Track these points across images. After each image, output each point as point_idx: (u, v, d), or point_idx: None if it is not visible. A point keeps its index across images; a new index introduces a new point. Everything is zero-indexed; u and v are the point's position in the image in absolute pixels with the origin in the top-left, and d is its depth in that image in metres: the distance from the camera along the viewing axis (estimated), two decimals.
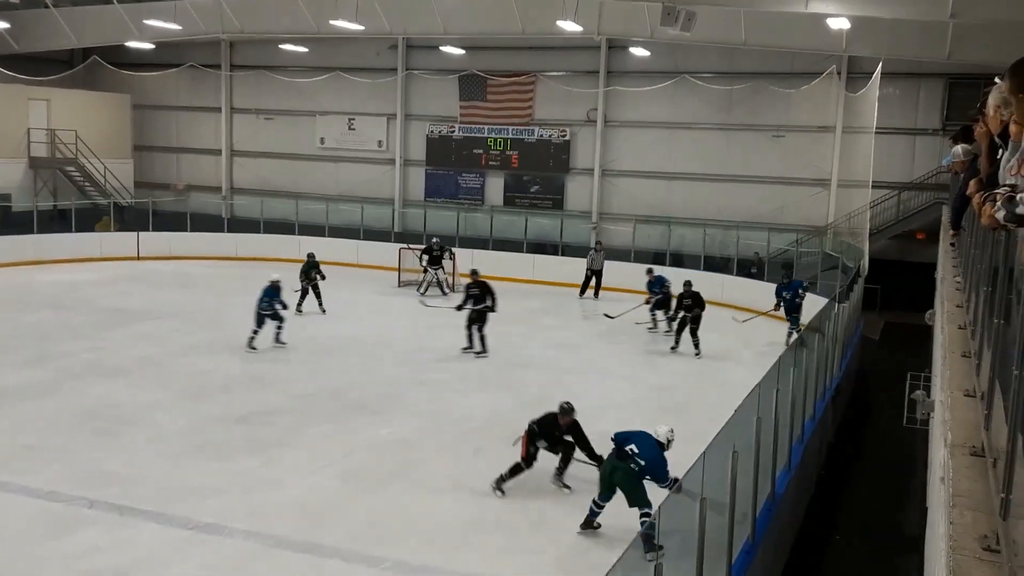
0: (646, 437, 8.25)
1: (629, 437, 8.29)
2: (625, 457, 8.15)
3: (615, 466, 8.22)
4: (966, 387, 4.36)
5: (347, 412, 12.17)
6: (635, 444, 8.16)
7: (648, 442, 8.18)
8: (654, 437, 8.21)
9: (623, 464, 8.16)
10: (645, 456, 8.06)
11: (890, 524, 10.42)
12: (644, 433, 8.32)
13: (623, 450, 8.17)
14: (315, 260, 18.98)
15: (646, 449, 8.12)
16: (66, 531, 8.20)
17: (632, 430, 8.43)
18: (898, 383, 13.32)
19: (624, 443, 8.22)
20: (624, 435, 8.34)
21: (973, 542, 2.77)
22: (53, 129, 27.69)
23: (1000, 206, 3.31)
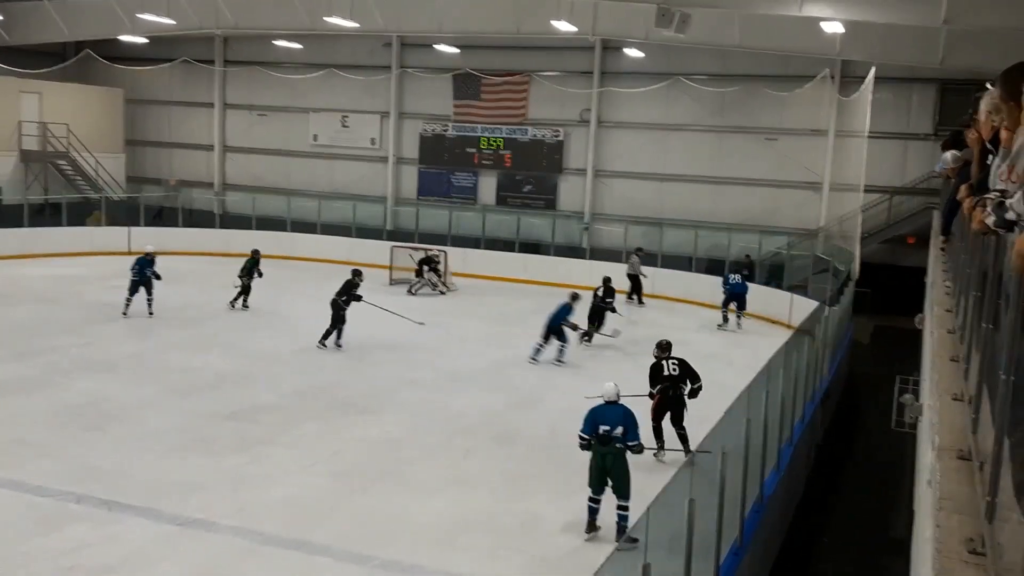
0: (604, 410, 8.34)
1: (594, 420, 8.31)
2: (607, 441, 8.19)
3: (603, 453, 8.23)
4: (954, 391, 4.37)
5: (337, 410, 12.15)
6: (605, 423, 8.23)
7: (611, 412, 8.29)
8: (609, 402, 8.35)
9: (610, 447, 8.21)
10: (621, 424, 8.20)
11: (877, 527, 10.47)
12: (598, 409, 8.37)
13: (600, 435, 8.22)
14: (259, 258, 18.92)
15: (615, 419, 8.24)
16: (53, 527, 8.16)
17: (586, 414, 8.42)
18: (887, 386, 13.38)
19: (595, 429, 8.24)
20: (589, 423, 8.35)
21: (959, 545, 2.78)
22: (45, 122, 27.55)
23: (990, 211, 3.33)
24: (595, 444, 8.28)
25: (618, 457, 8.19)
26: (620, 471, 8.21)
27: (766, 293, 21.08)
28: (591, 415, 8.40)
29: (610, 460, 8.20)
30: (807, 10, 16.82)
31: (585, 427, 8.37)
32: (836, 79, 22.94)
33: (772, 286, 21.24)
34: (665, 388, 10.71)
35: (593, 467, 8.34)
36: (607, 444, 8.21)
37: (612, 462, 8.20)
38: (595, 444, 8.28)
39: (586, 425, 8.37)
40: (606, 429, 8.21)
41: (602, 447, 8.23)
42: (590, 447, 8.33)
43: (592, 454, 8.33)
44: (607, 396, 8.49)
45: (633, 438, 8.27)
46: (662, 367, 10.95)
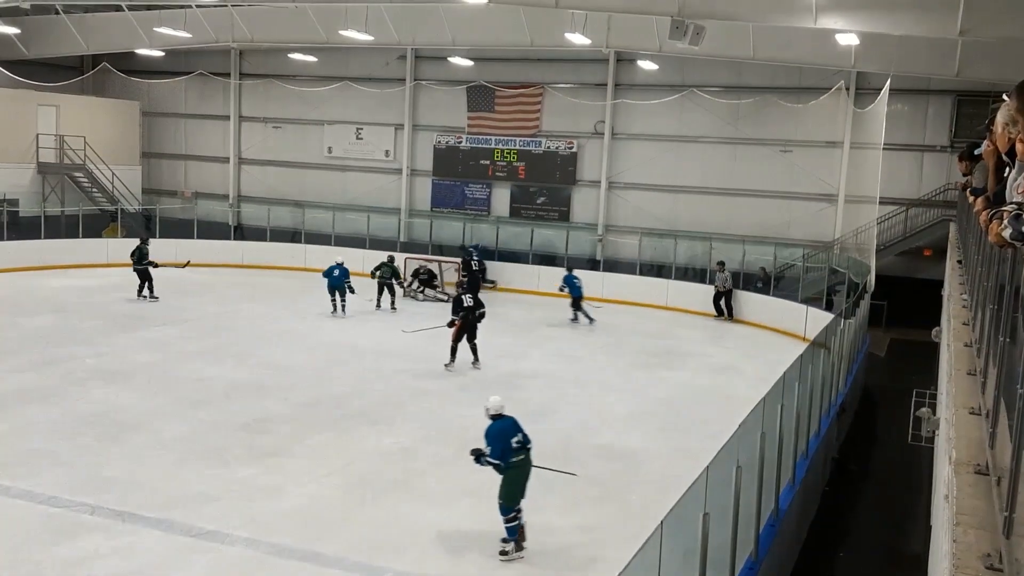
0: (505, 425, 8.25)
1: (505, 437, 8.16)
2: (521, 450, 8.18)
3: (521, 463, 8.18)
4: (971, 405, 4.33)
5: (348, 421, 12.16)
6: (516, 434, 8.19)
7: (511, 424, 8.28)
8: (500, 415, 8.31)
9: (526, 456, 8.23)
10: (522, 430, 8.26)
11: (894, 542, 10.35)
12: (500, 425, 8.26)
13: (515, 446, 8.16)
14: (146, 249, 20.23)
15: (517, 427, 8.27)
16: (67, 537, 8.19)
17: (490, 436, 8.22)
18: (903, 400, 13.28)
19: (508, 440, 8.13)
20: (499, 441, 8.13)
21: (976, 560, 2.75)
22: (62, 135, 27.83)
23: (1007, 224, 3.30)
24: (523, 457, 8.17)
25: (530, 464, 8.26)
26: (528, 476, 8.26)
27: (781, 305, 21.00)
28: (500, 434, 8.17)
29: (530, 465, 8.25)
30: (822, 22, 16.75)
31: (496, 449, 8.09)
32: (851, 91, 22.86)
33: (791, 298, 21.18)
34: (465, 315, 14.85)
35: (518, 480, 8.17)
36: (527, 452, 8.23)
37: (530, 466, 8.26)
38: (523, 457, 8.17)
39: (497, 446, 8.10)
40: (519, 440, 8.18)
41: (521, 458, 8.19)
42: (507, 467, 8.09)
43: (516, 470, 8.13)
44: (497, 409, 8.39)
45: (528, 439, 8.29)
46: (462, 300, 15.13)
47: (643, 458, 11.31)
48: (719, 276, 21.74)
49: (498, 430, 8.21)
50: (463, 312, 14.93)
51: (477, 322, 15.11)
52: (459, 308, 15.04)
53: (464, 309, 14.96)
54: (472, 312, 14.99)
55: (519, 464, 8.14)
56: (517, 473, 8.15)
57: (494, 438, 8.16)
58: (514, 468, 8.11)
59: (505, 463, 8.09)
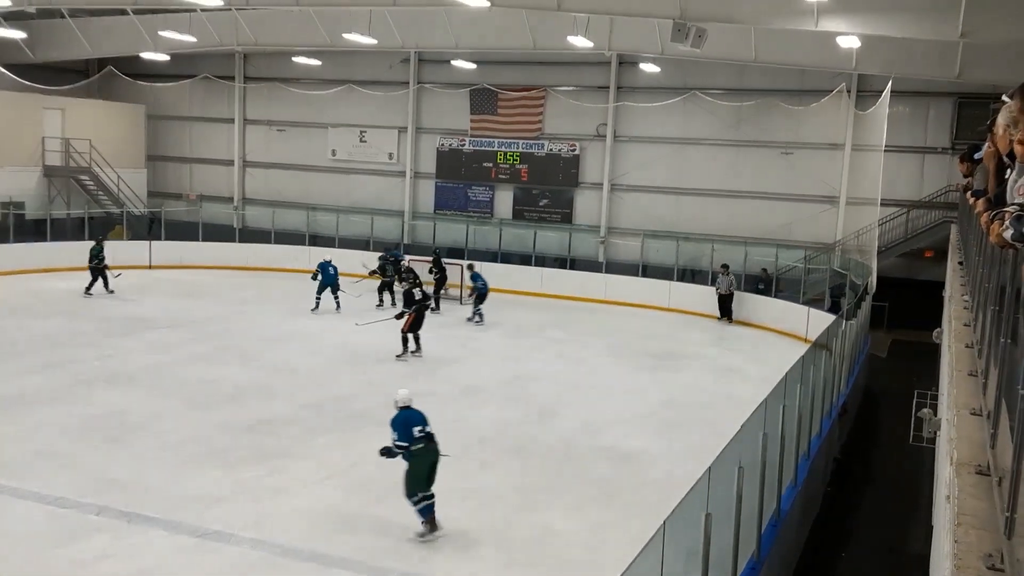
0: (411, 414, 8.59)
1: (408, 425, 8.50)
2: (424, 439, 8.52)
3: (423, 451, 8.50)
4: (973, 406, 4.36)
5: (353, 422, 12.20)
6: (418, 424, 8.53)
7: (417, 414, 8.62)
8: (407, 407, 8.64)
9: (434, 444, 8.60)
10: (427, 422, 8.61)
11: (896, 541, 10.37)
12: (405, 414, 8.58)
13: (419, 436, 8.49)
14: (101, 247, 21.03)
15: (423, 418, 8.63)
16: (74, 538, 8.24)
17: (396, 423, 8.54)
18: (905, 401, 13.29)
19: (411, 429, 8.46)
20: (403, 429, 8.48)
21: (977, 561, 2.78)
22: (67, 138, 27.92)
23: (1008, 225, 3.34)
24: (424, 446, 8.51)
25: (437, 450, 8.61)
26: (437, 462, 8.61)
27: (782, 306, 21.02)
28: (404, 422, 8.54)
29: (435, 455, 8.58)
30: (823, 25, 16.79)
31: (402, 435, 8.49)
32: (852, 93, 22.89)
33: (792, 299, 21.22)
34: (417, 308, 15.74)
35: (421, 470, 8.52)
36: (433, 440, 8.58)
37: (436, 456, 8.59)
38: (424, 446, 8.51)
39: (403, 433, 8.49)
40: (421, 430, 8.52)
41: (431, 444, 8.56)
42: (409, 455, 8.47)
43: (419, 457, 8.49)
44: (405, 401, 8.74)
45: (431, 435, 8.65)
46: (414, 294, 15.92)
47: (646, 459, 11.34)
48: (723, 279, 21.63)
49: (403, 419, 8.59)
50: (416, 305, 15.76)
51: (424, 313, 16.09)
52: (411, 301, 15.82)
53: (416, 302, 15.81)
54: (423, 305, 15.98)
55: (421, 452, 8.50)
56: (420, 461, 8.51)
57: (399, 426, 8.55)
58: (417, 457, 8.48)
59: (408, 451, 8.48)
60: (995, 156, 4.93)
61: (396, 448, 8.51)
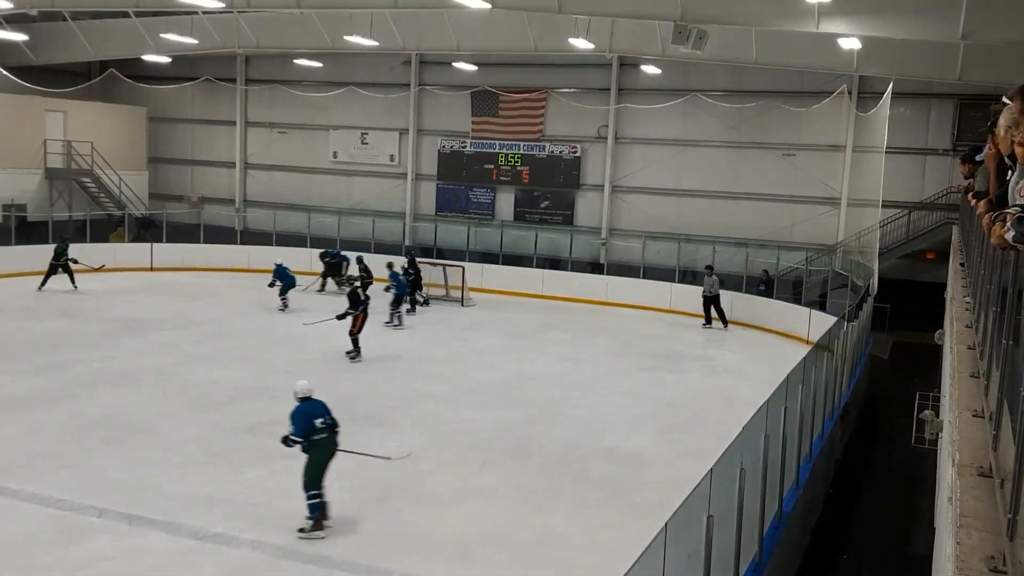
0: (312, 406, 8.59)
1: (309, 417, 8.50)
2: (324, 431, 8.55)
3: (323, 442, 8.54)
4: (974, 407, 4.36)
5: (354, 424, 12.12)
6: (319, 416, 8.55)
7: (318, 406, 8.63)
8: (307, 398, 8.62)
9: (335, 435, 8.65)
10: (329, 413, 8.62)
11: (898, 543, 10.36)
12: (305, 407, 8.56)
13: (322, 428, 8.52)
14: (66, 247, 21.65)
15: (324, 410, 8.64)
16: (74, 540, 8.24)
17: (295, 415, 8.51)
18: (907, 402, 13.28)
19: (311, 425, 8.47)
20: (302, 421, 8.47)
21: (980, 562, 2.77)
22: (69, 141, 27.95)
23: (1009, 226, 3.33)
24: (325, 437, 8.54)
25: (337, 442, 8.66)
26: (335, 454, 8.67)
27: (784, 308, 21.01)
28: (304, 414, 8.52)
29: (335, 446, 8.65)
30: (824, 26, 16.79)
31: (299, 428, 8.46)
32: (853, 95, 22.89)
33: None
34: (364, 308, 15.76)
35: (321, 461, 8.56)
36: (334, 432, 8.63)
37: (335, 447, 8.66)
38: (325, 437, 8.54)
39: (300, 426, 8.46)
40: (322, 421, 8.55)
41: (333, 436, 8.62)
42: (310, 445, 8.48)
43: (319, 450, 8.53)
44: (305, 392, 8.71)
45: (336, 422, 8.69)
46: (358, 294, 15.85)
47: (647, 460, 11.33)
48: (707, 280, 21.21)
49: (303, 411, 8.57)
50: (362, 306, 15.73)
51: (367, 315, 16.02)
52: (357, 302, 15.72)
53: (362, 303, 15.75)
54: (367, 305, 15.93)
55: (321, 443, 8.52)
56: (320, 453, 8.55)
57: (298, 417, 8.53)
58: (317, 447, 8.52)
59: (308, 441, 8.47)
60: (996, 158, 4.91)
61: (291, 441, 8.52)
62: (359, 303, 15.81)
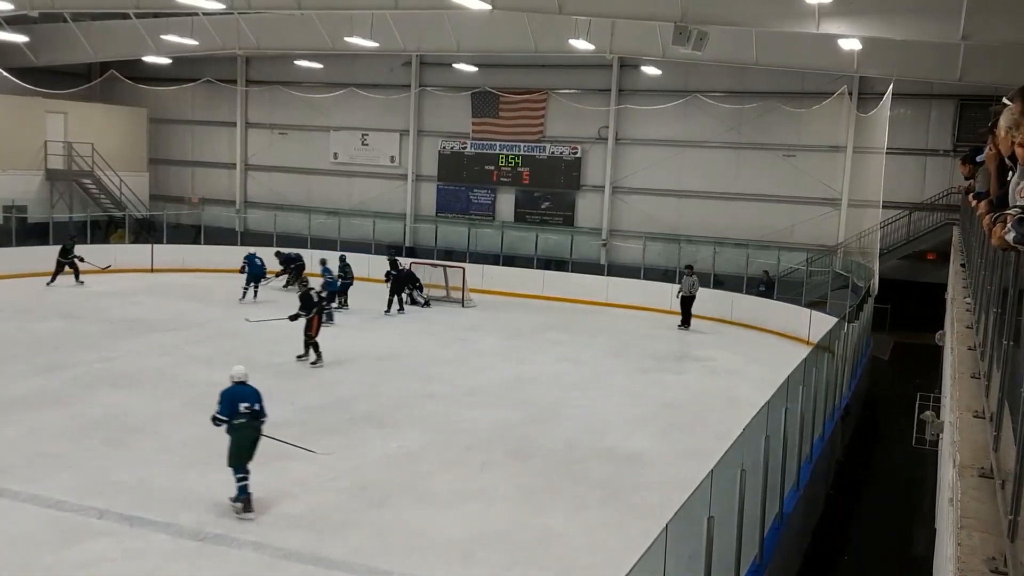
0: (241, 390, 8.95)
1: (234, 401, 8.87)
2: (247, 415, 8.86)
3: (244, 427, 8.86)
4: (975, 408, 4.36)
5: (355, 425, 12.20)
6: (246, 401, 8.88)
7: (248, 391, 8.98)
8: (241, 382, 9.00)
9: (257, 422, 8.96)
10: (258, 400, 8.98)
11: (898, 544, 10.35)
12: (234, 390, 8.95)
13: (246, 413, 8.85)
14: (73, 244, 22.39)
15: (254, 396, 8.99)
16: (75, 541, 8.24)
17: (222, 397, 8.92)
18: (908, 403, 13.27)
19: (236, 408, 8.82)
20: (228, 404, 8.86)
21: (981, 564, 2.77)
22: (70, 142, 27.95)
23: (1010, 227, 3.33)
24: (245, 422, 8.85)
25: (260, 429, 8.98)
26: (258, 441, 9.00)
27: (784, 309, 21.00)
28: (229, 397, 8.90)
29: (257, 433, 8.95)
30: (824, 27, 16.79)
31: (224, 409, 8.86)
32: (854, 95, 22.89)
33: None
34: (318, 311, 15.36)
35: (242, 444, 8.88)
36: (257, 419, 8.93)
37: (257, 434, 8.96)
38: (245, 422, 8.85)
39: (225, 407, 8.86)
40: (247, 406, 8.86)
41: (254, 421, 8.91)
42: (233, 427, 8.83)
43: (239, 433, 8.85)
44: (239, 377, 9.09)
45: (264, 411, 9.06)
46: (311, 296, 15.43)
47: (647, 461, 11.33)
48: (686, 280, 20.83)
49: (231, 393, 8.95)
50: (315, 308, 15.36)
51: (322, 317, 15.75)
52: (310, 305, 15.34)
53: (315, 305, 15.39)
54: (322, 308, 15.62)
55: (242, 427, 8.86)
56: (241, 436, 8.88)
57: (225, 399, 8.94)
58: (238, 431, 8.87)
59: (230, 424, 8.84)
60: (996, 158, 4.91)
61: (218, 419, 8.91)
62: (312, 305, 15.40)
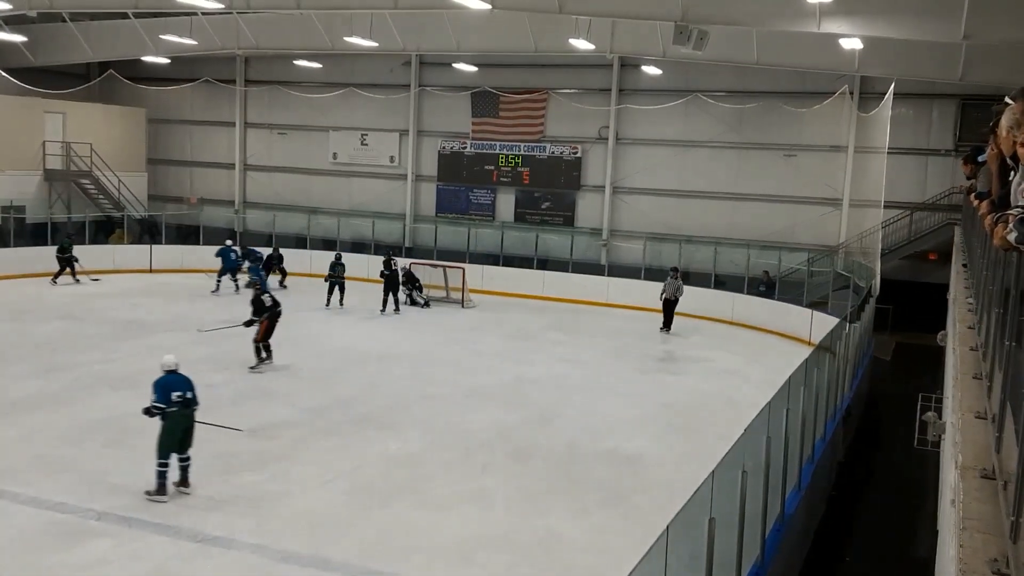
0: (173, 379, 9.25)
1: (167, 389, 9.14)
2: (180, 404, 9.13)
3: (176, 415, 9.15)
4: (977, 409, 4.34)
5: (354, 426, 12.18)
6: (179, 390, 9.16)
7: (180, 380, 9.28)
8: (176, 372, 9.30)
9: (189, 410, 9.24)
10: (190, 388, 9.26)
11: (901, 546, 10.33)
12: (168, 379, 9.24)
13: (179, 401, 9.13)
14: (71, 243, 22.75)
15: (186, 384, 9.28)
16: (74, 543, 8.21)
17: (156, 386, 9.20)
18: (909, 404, 13.25)
19: (170, 397, 9.09)
20: (162, 392, 9.13)
21: (983, 565, 2.76)
22: (68, 142, 27.94)
23: (1012, 227, 3.31)
24: (177, 410, 9.14)
25: (192, 417, 9.27)
26: (192, 428, 9.31)
27: (785, 309, 20.97)
28: (163, 386, 9.19)
29: (188, 420, 9.23)
30: (825, 27, 16.77)
31: (160, 397, 9.14)
32: (855, 95, 22.87)
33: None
34: (268, 315, 14.94)
35: (173, 432, 9.16)
36: (189, 407, 9.21)
37: (189, 422, 9.24)
38: (177, 410, 9.14)
39: (160, 395, 9.15)
40: (179, 395, 9.15)
41: (186, 409, 9.19)
42: (165, 415, 9.11)
43: (172, 421, 9.13)
44: (170, 366, 9.38)
45: (197, 399, 9.35)
46: (263, 301, 15.01)
47: (648, 463, 11.31)
48: (670, 282, 20.21)
49: (164, 382, 9.25)
50: (266, 312, 15.00)
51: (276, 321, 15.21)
52: (262, 308, 15.01)
53: (266, 309, 14.99)
54: (274, 312, 15.11)
55: (172, 416, 9.14)
56: (172, 424, 9.16)
57: (158, 389, 9.20)
58: (170, 418, 9.14)
59: (164, 412, 9.13)
60: (998, 158, 4.89)
61: (154, 409, 9.14)
62: (263, 309, 15.01)
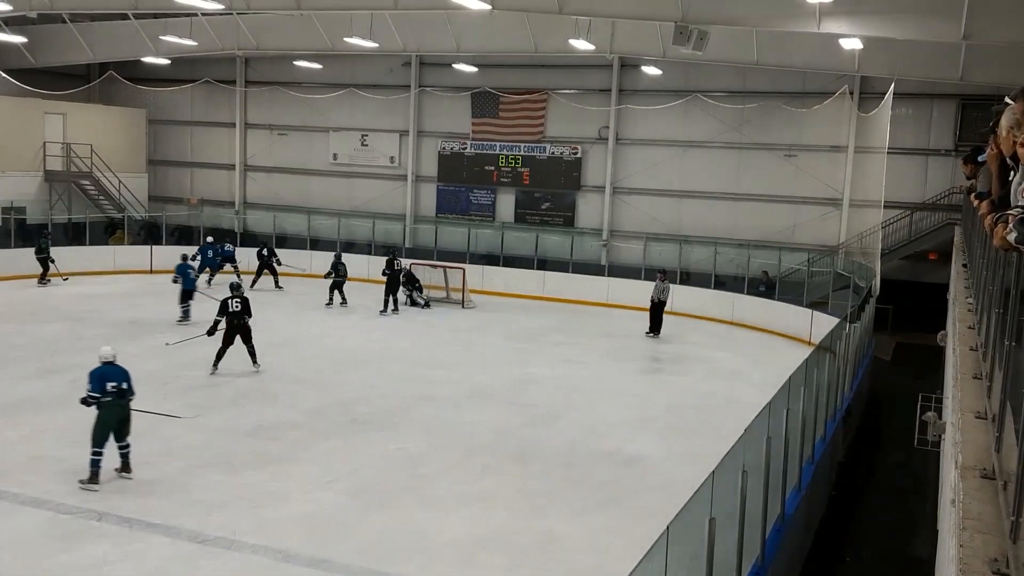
0: (109, 370, 9.46)
1: (103, 380, 9.36)
2: (115, 394, 9.37)
3: (122, 405, 9.46)
4: (977, 409, 4.34)
5: (355, 427, 12.18)
6: (114, 381, 9.40)
7: (115, 371, 9.50)
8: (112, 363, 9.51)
9: (125, 400, 9.48)
10: (125, 379, 9.49)
11: (901, 546, 10.33)
12: (103, 369, 9.46)
13: (113, 391, 9.36)
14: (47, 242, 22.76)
15: (122, 375, 9.51)
16: (75, 544, 8.22)
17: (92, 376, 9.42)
18: (910, 404, 13.25)
19: (104, 387, 9.32)
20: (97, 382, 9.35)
21: (983, 565, 2.76)
22: (69, 143, 27.93)
23: (1012, 227, 3.31)
24: (112, 400, 9.37)
25: (127, 407, 9.52)
26: (128, 418, 9.57)
27: (786, 309, 20.97)
28: (99, 376, 9.41)
29: (124, 410, 9.48)
30: (825, 27, 16.77)
31: (95, 387, 9.35)
32: (855, 95, 22.88)
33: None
34: (231, 319, 14.52)
35: (108, 421, 9.40)
36: (124, 397, 9.45)
37: (124, 412, 9.49)
38: (112, 400, 9.37)
39: (96, 385, 9.36)
40: (114, 385, 9.38)
41: (120, 400, 9.43)
42: (100, 404, 9.35)
43: (105, 410, 9.37)
44: (107, 357, 9.57)
45: (133, 389, 9.60)
46: (228, 304, 14.64)
47: (649, 463, 11.31)
48: (658, 285, 19.86)
49: (100, 373, 9.45)
50: (228, 316, 14.56)
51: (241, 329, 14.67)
52: (224, 311, 14.61)
53: (229, 313, 14.58)
54: (239, 316, 14.60)
55: (109, 405, 9.38)
56: (107, 413, 9.40)
57: (94, 379, 9.41)
58: (105, 408, 9.38)
59: (99, 402, 9.35)
60: (998, 158, 4.89)
61: (89, 399, 9.35)
62: (226, 312, 14.64)
